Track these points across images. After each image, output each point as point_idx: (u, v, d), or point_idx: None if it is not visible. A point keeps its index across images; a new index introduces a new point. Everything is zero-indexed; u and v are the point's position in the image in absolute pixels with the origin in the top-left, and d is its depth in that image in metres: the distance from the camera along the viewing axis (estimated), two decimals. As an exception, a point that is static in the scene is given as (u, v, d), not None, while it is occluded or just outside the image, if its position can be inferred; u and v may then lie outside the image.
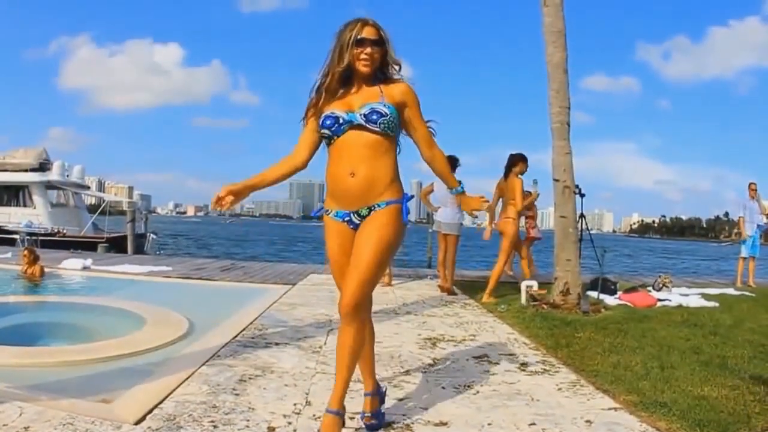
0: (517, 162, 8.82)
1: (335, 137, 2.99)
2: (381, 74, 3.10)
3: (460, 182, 3.32)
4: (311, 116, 3.10)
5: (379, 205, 2.99)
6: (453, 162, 9.11)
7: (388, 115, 2.95)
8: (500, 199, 8.99)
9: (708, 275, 20.30)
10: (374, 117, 2.94)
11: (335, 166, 3.00)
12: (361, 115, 2.96)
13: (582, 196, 8.82)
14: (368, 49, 2.98)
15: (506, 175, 8.84)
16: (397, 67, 3.11)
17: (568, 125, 8.06)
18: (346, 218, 3.04)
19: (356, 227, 3.03)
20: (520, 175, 8.76)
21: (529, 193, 9.71)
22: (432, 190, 9.63)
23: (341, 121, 2.97)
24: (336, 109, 3.00)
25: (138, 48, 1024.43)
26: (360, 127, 2.95)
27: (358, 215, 3.02)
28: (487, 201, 3.38)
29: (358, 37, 2.97)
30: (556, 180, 8.05)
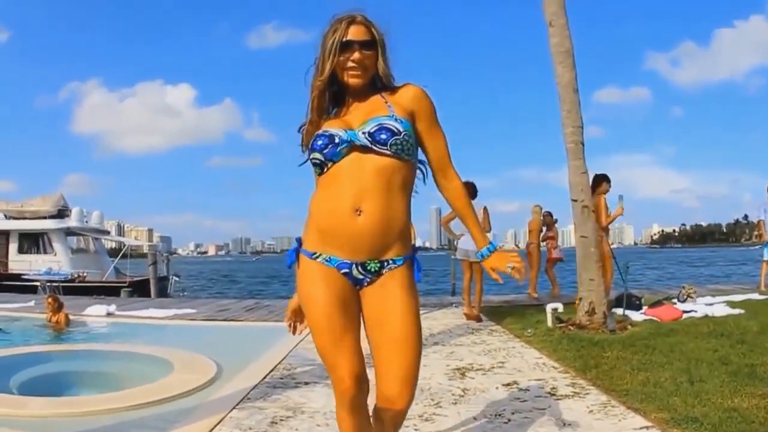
0: (600, 182, 9.20)
1: (330, 163, 2.27)
2: (380, 84, 2.40)
3: (490, 241, 2.44)
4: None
5: (394, 262, 2.29)
6: (471, 190, 9.18)
7: (401, 132, 2.23)
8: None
9: (734, 280, 20.11)
10: (383, 136, 2.22)
11: (331, 199, 2.25)
12: (364, 133, 2.24)
13: None
14: (356, 55, 2.28)
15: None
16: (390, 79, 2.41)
17: (582, 144, 8.07)
18: (345, 269, 2.27)
19: (357, 284, 2.30)
20: (604, 195, 9.15)
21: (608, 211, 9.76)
22: (454, 217, 9.59)
23: (337, 140, 2.25)
24: (330, 127, 2.31)
25: (149, 90, 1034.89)
26: (364, 149, 2.24)
27: (364, 269, 2.28)
28: (521, 260, 2.38)
29: (343, 39, 2.28)
30: (574, 200, 8.04)
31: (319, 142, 2.26)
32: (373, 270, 2.27)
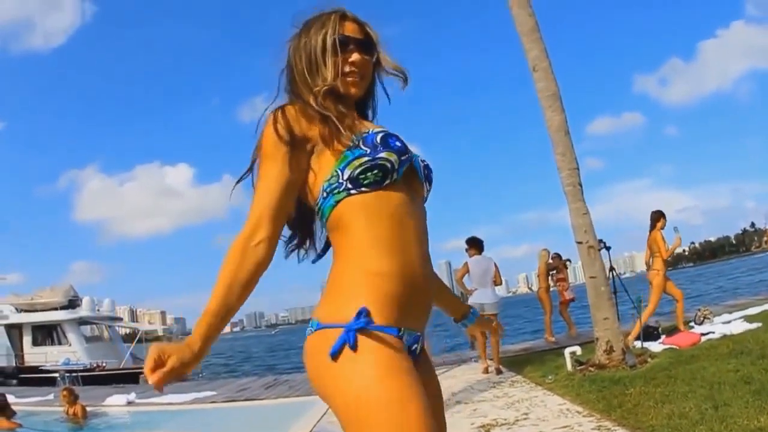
0: (659, 218, 9.42)
1: (388, 181, 1.61)
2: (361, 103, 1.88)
3: (471, 309, 2.09)
4: (300, 134, 1.65)
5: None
6: (478, 244, 9.30)
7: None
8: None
9: (751, 290, 19.95)
10: (431, 173, 1.80)
11: (399, 242, 1.60)
12: (422, 160, 1.78)
13: (608, 249, 8.91)
14: (355, 56, 1.75)
15: (650, 230, 9.44)
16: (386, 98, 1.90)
17: (581, 186, 8.11)
18: (413, 346, 1.64)
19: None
20: (661, 229, 9.37)
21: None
22: (467, 271, 9.58)
23: (408, 155, 1.68)
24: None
25: (148, 173, 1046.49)
26: (413, 181, 1.72)
27: (416, 342, 1.66)
28: (496, 323, 2.24)
29: (341, 35, 1.74)
30: (579, 242, 8.07)
31: (398, 143, 1.65)
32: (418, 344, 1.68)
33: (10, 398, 9.98)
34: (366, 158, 1.58)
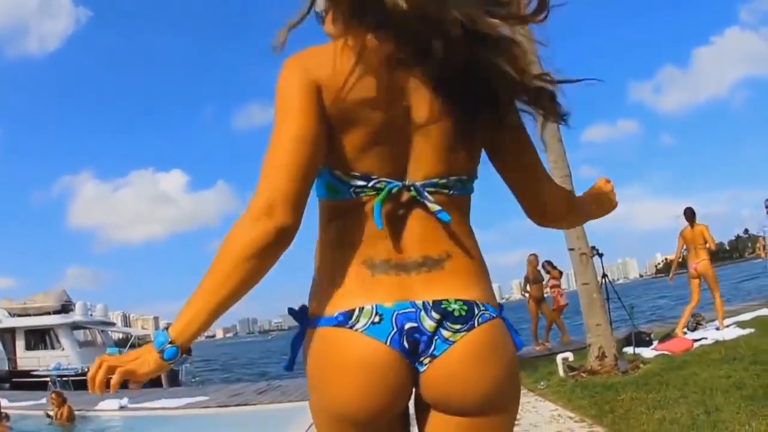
0: (694, 213, 9.53)
1: None
2: None
3: None
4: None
5: None
6: None
7: None
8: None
9: (742, 296, 19.99)
10: None
11: None
12: None
13: (600, 256, 8.91)
14: None
15: (692, 225, 9.51)
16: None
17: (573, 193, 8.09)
18: None
19: None
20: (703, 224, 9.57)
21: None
22: None
23: None
24: None
25: (142, 179, 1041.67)
26: None
27: None
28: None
29: None
30: (571, 249, 8.09)
31: None
32: None
33: (3, 402, 9.96)
34: None
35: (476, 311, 1.32)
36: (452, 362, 1.29)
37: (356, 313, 1.29)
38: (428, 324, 1.28)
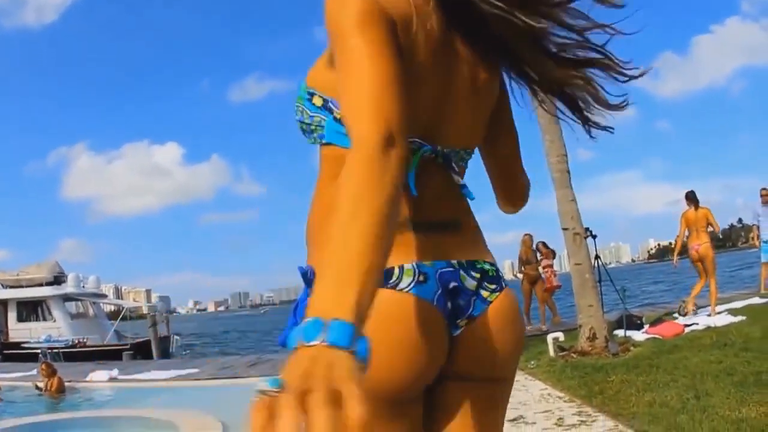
0: (696, 196, 9.68)
1: None
2: None
3: None
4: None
5: None
6: None
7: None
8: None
9: (735, 284, 20.04)
10: None
11: None
12: None
13: (594, 237, 8.88)
14: None
15: (695, 207, 9.60)
16: None
17: (569, 172, 8.07)
18: None
19: None
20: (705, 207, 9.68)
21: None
22: None
23: None
24: None
25: (136, 151, 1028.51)
26: None
27: None
28: None
29: None
30: (565, 229, 8.05)
31: None
32: None
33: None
34: None
35: (500, 273, 1.30)
36: (488, 323, 1.23)
37: (396, 271, 1.15)
38: (470, 283, 1.22)
